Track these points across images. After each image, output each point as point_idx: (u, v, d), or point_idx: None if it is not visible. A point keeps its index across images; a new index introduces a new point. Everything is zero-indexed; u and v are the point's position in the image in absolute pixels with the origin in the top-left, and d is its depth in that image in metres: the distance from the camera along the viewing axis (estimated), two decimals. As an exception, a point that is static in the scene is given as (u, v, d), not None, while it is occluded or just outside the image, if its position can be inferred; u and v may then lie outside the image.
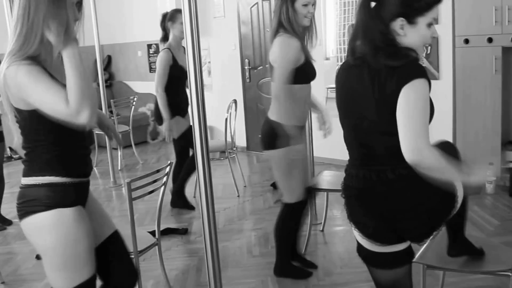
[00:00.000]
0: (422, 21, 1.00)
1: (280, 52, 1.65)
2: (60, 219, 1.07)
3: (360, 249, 1.14)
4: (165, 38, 2.53)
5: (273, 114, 1.73)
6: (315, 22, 1.76)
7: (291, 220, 1.85)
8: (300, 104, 1.74)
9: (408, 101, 0.95)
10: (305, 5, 1.66)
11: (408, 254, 1.10)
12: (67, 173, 1.10)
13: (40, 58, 1.04)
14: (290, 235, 1.88)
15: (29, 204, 1.09)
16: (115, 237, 1.24)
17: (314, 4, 1.70)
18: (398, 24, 1.00)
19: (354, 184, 1.08)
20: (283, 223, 1.86)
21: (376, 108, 1.00)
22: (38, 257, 1.26)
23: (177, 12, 2.48)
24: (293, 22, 1.66)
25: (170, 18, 2.47)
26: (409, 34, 1.00)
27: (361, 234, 1.09)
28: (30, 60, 1.02)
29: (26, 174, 1.11)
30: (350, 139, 1.10)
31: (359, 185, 1.07)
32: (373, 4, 1.02)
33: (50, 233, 1.07)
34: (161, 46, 2.56)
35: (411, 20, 0.99)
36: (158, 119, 2.59)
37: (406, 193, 1.02)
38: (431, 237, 1.08)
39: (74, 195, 1.11)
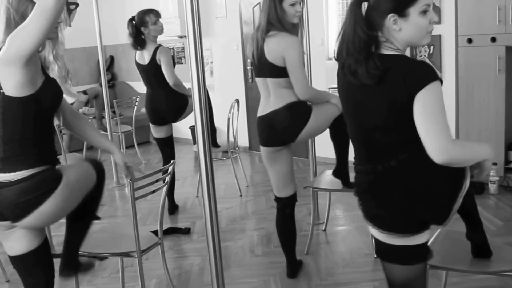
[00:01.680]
0: (414, 11, 0.99)
1: (298, 53, 1.64)
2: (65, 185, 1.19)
3: (378, 246, 1.12)
4: (138, 42, 2.46)
5: (284, 100, 1.69)
6: (303, 19, 1.76)
7: (293, 214, 1.87)
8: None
9: (424, 107, 0.96)
10: (293, 4, 1.65)
11: (426, 250, 1.09)
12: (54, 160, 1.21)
13: None
14: (295, 231, 1.90)
15: (34, 192, 1.12)
16: None
17: (301, 3, 1.70)
18: (391, 20, 1.00)
19: (364, 179, 1.09)
20: (292, 220, 1.86)
21: (383, 113, 1.01)
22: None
23: (145, 15, 2.45)
24: (283, 21, 1.65)
25: (141, 24, 2.43)
26: (404, 28, 1.00)
27: (380, 229, 1.07)
28: None
29: (16, 167, 1.11)
30: (355, 137, 1.11)
31: (368, 178, 1.08)
32: (364, 6, 1.02)
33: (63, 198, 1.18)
34: (140, 58, 2.50)
35: (401, 13, 0.99)
36: (176, 115, 2.55)
37: (412, 174, 1.02)
38: (450, 216, 1.05)
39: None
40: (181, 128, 4.30)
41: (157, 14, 2.48)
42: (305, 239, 2.18)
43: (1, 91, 1.10)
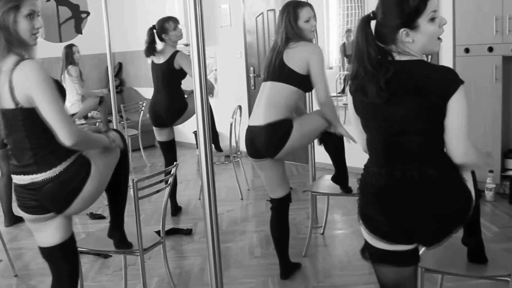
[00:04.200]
0: (422, 21, 1.01)
1: (321, 60, 1.73)
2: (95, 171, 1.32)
3: (366, 246, 1.13)
4: (151, 49, 2.59)
5: (268, 116, 1.74)
6: (316, 33, 1.86)
7: (286, 215, 1.92)
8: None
9: (458, 112, 1.00)
10: (307, 21, 1.75)
11: (414, 255, 1.10)
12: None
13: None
14: (287, 232, 1.94)
15: (73, 182, 1.22)
16: None
17: (315, 17, 1.79)
18: (403, 34, 1.02)
19: (374, 182, 1.07)
20: (284, 221, 1.91)
21: (413, 116, 1.01)
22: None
23: (164, 22, 2.57)
24: (301, 37, 1.74)
25: (162, 31, 2.56)
26: (416, 39, 1.02)
27: (371, 231, 1.08)
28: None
29: (51, 165, 1.21)
30: (376, 140, 1.09)
31: (380, 182, 1.06)
32: (373, 24, 1.04)
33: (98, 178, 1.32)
34: (157, 58, 2.61)
35: (411, 25, 1.01)
36: (173, 118, 2.64)
37: (428, 193, 1.01)
38: (442, 243, 1.07)
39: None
40: (185, 132, 4.39)
41: (175, 20, 2.62)
42: (303, 242, 2.22)
43: (19, 105, 1.17)
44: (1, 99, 1.18)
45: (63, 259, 1.33)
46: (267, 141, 1.77)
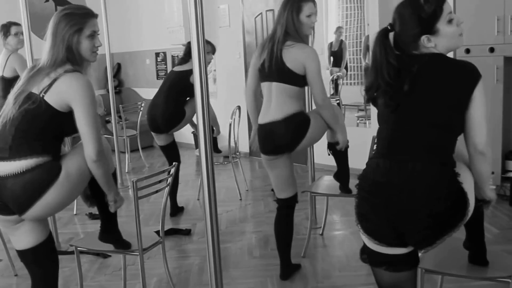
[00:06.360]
0: (441, 24, 1.02)
1: (318, 63, 1.74)
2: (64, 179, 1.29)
3: (364, 248, 1.13)
4: (186, 59, 2.67)
5: (284, 110, 1.74)
6: (314, 30, 1.87)
7: (291, 215, 1.92)
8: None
9: (481, 102, 1.02)
10: (309, 16, 1.76)
11: (411, 259, 1.08)
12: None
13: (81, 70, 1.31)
14: (291, 233, 1.94)
15: (36, 184, 1.20)
16: None
17: (316, 14, 1.80)
18: (425, 41, 1.03)
19: (371, 175, 1.07)
20: (289, 221, 1.91)
21: (427, 109, 1.02)
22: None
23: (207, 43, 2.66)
24: (300, 32, 1.75)
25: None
26: (438, 42, 1.03)
27: (364, 231, 1.08)
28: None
29: (22, 154, 1.20)
30: (385, 129, 1.09)
31: (375, 177, 1.06)
32: (391, 35, 1.05)
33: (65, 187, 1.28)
34: (179, 66, 2.70)
35: (431, 31, 1.03)
36: (169, 124, 2.67)
37: (419, 190, 1.00)
38: (434, 246, 1.06)
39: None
40: (184, 133, 4.38)
41: (212, 46, 2.78)
42: (302, 243, 2.22)
43: (42, 94, 1.21)
44: (34, 85, 1.23)
45: (36, 262, 1.30)
46: (288, 134, 1.77)
